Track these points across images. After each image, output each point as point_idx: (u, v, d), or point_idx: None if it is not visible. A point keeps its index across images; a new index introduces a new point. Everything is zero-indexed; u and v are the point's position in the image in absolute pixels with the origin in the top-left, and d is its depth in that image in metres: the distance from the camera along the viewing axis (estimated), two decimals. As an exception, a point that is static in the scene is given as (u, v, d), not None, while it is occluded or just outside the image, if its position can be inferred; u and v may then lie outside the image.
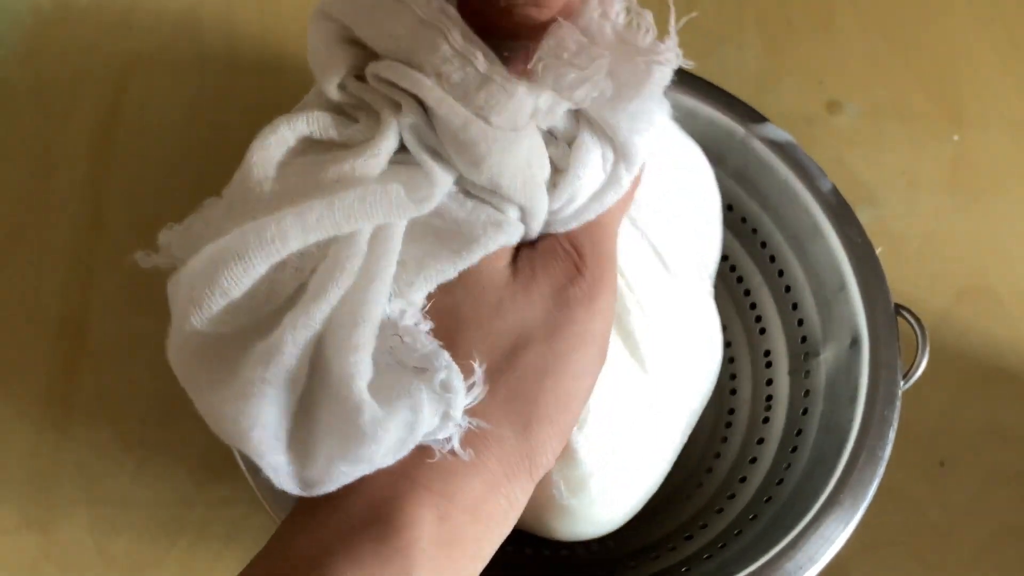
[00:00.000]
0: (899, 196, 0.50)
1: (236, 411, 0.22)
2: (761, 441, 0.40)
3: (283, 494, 0.32)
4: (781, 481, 0.37)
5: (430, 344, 0.23)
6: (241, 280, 0.23)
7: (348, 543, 0.22)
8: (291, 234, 0.22)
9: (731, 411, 0.42)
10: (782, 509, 0.35)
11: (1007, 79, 0.53)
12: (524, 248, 0.26)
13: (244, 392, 0.22)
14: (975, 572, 0.43)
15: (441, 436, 0.23)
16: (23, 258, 0.47)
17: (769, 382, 0.41)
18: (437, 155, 0.25)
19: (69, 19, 0.52)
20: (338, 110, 0.26)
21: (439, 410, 0.22)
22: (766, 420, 0.40)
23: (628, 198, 0.27)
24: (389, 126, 0.24)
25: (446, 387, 0.22)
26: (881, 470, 0.34)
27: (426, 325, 0.24)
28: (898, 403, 0.35)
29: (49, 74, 0.51)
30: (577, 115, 0.25)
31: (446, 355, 0.23)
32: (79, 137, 0.50)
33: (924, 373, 0.36)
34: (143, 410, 0.44)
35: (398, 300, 0.24)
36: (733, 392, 0.42)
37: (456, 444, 0.23)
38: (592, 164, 0.25)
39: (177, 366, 0.24)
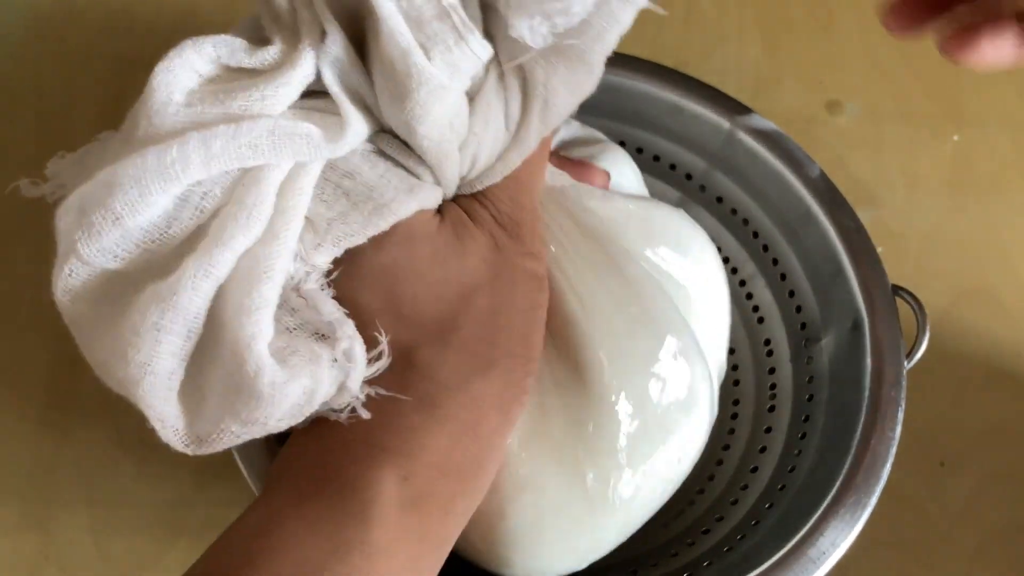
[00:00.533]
0: (899, 196, 0.50)
1: (126, 357, 0.21)
2: (769, 430, 0.40)
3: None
4: (793, 468, 0.37)
5: (336, 312, 0.22)
6: (136, 207, 0.21)
7: (300, 508, 0.21)
8: (193, 159, 0.21)
9: (735, 402, 0.42)
10: (797, 496, 0.35)
11: (1007, 79, 0.53)
12: (446, 203, 0.26)
13: (136, 337, 0.21)
14: (975, 572, 0.43)
15: (337, 406, 0.22)
16: (23, 258, 0.47)
17: (771, 371, 0.41)
18: (356, 98, 0.24)
19: (68, 19, 0.52)
20: (262, 40, 0.24)
21: (338, 380, 0.22)
22: (772, 409, 0.40)
23: (539, 159, 0.26)
24: (304, 53, 0.23)
25: (348, 357, 0.22)
26: (893, 451, 0.34)
27: (330, 292, 0.23)
28: (903, 383, 0.35)
29: (48, 74, 0.51)
30: (488, 65, 0.24)
31: (351, 325, 0.22)
32: (78, 137, 0.49)
33: (924, 374, 0.36)
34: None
35: (302, 262, 0.23)
36: (736, 383, 0.42)
37: (360, 409, 0.22)
38: (494, 123, 0.24)
39: (63, 304, 0.22)
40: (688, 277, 0.31)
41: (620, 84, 0.40)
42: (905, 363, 0.36)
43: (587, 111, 0.34)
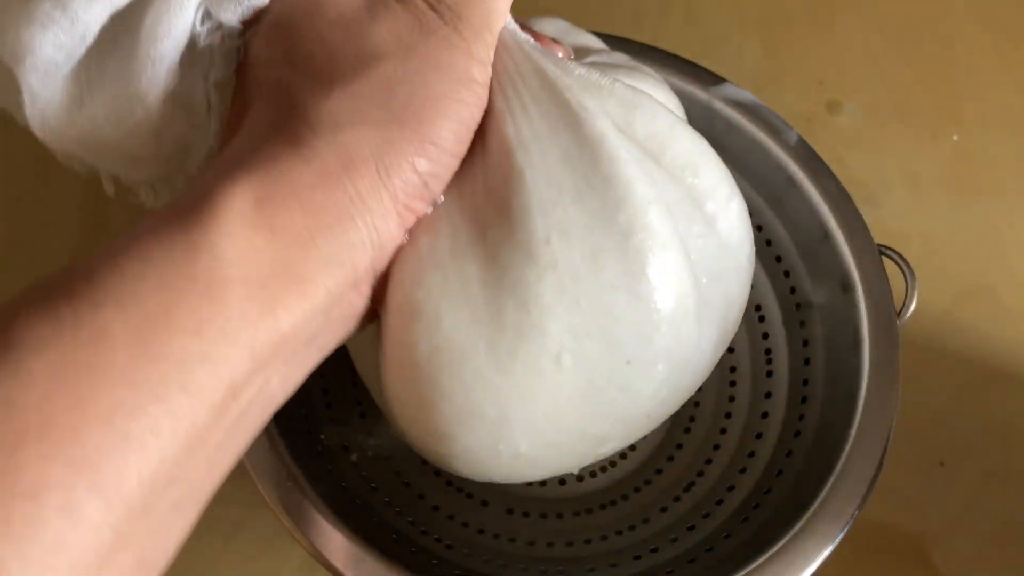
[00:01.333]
0: (899, 196, 0.50)
1: (17, 30, 0.24)
2: (769, 395, 0.40)
3: (285, 495, 0.32)
4: (799, 433, 0.37)
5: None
6: None
7: (155, 223, 0.21)
8: None
9: (732, 369, 0.42)
10: (805, 462, 0.35)
11: (1007, 79, 0.53)
12: None
13: (28, 20, 0.24)
14: (975, 572, 0.43)
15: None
16: (23, 258, 0.47)
17: (765, 336, 0.41)
18: None
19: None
20: None
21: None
22: (769, 374, 0.40)
23: None
24: None
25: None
26: (894, 415, 0.34)
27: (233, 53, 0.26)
28: (899, 340, 0.35)
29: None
30: None
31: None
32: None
33: (924, 373, 0.36)
34: (143, 410, 0.44)
35: (210, 19, 0.25)
36: (731, 350, 0.42)
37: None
38: None
39: None
40: (679, 168, 0.28)
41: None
42: (897, 321, 0.36)
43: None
